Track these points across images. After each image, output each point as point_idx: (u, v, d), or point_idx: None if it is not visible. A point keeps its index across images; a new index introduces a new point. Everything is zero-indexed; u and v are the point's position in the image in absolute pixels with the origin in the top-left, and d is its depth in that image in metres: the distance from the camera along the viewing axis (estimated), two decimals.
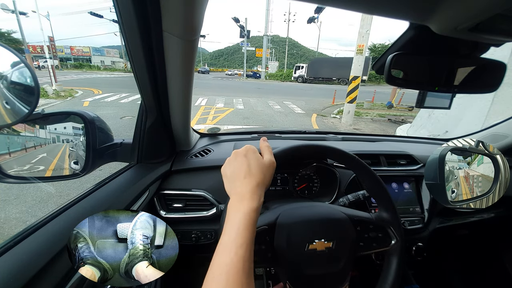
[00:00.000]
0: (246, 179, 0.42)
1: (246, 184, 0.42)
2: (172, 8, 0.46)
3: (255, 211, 0.40)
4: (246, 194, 0.41)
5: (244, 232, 0.37)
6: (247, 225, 0.38)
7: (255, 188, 0.42)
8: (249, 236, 0.37)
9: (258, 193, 0.42)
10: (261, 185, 0.43)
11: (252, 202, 0.40)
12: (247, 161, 0.45)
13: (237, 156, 0.46)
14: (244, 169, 0.44)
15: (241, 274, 0.33)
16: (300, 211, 0.59)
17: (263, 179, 0.44)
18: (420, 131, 4.42)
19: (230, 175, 0.45)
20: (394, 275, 0.56)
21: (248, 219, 0.38)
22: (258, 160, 0.45)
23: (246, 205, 0.40)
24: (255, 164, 0.44)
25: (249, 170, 0.43)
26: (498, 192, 0.82)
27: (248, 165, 0.44)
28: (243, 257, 0.34)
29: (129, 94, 9.60)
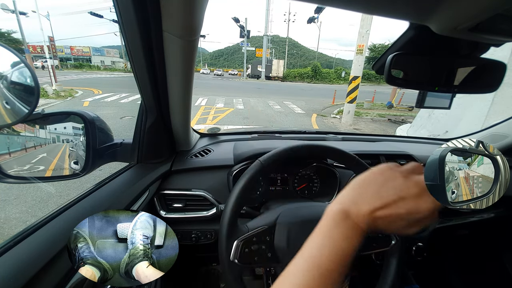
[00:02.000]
0: (386, 209, 0.31)
1: (381, 216, 0.31)
2: (172, 8, 0.46)
3: (355, 247, 0.30)
4: (370, 225, 0.30)
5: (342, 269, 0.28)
6: (347, 262, 0.29)
7: (385, 226, 0.31)
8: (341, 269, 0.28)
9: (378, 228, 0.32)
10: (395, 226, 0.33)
11: (361, 235, 0.30)
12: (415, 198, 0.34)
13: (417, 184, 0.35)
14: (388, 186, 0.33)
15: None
16: (300, 211, 0.59)
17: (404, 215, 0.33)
18: (420, 131, 4.43)
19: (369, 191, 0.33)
20: (394, 275, 0.56)
21: (352, 252, 0.29)
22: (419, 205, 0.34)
23: (360, 236, 0.30)
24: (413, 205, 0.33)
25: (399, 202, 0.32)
26: (498, 192, 0.82)
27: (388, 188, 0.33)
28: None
29: (129, 94, 9.60)
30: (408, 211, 0.32)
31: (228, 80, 25.74)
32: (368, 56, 26.70)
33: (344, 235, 0.29)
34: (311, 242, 0.30)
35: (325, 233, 0.30)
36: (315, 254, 0.29)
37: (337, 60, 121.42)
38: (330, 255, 0.28)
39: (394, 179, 0.33)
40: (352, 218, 0.30)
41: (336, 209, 0.31)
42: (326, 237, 0.30)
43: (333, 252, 0.28)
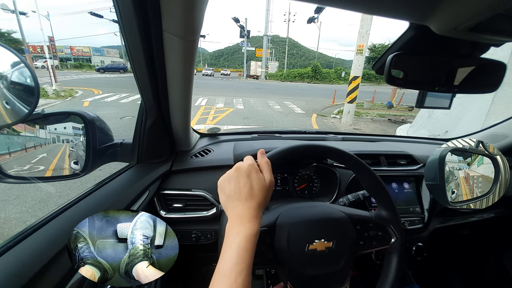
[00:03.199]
0: (248, 202, 0.41)
1: (248, 207, 0.40)
2: (172, 8, 0.46)
3: (256, 235, 0.39)
4: (247, 216, 0.39)
5: (244, 256, 0.35)
6: (247, 249, 0.36)
7: (256, 211, 0.40)
8: (249, 261, 0.36)
9: (259, 216, 0.41)
10: (262, 207, 0.42)
11: (254, 225, 0.39)
12: (249, 181, 0.42)
13: (240, 175, 0.43)
14: (246, 191, 0.41)
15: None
16: (300, 211, 0.59)
17: (264, 201, 0.43)
18: (420, 131, 4.43)
19: (229, 193, 0.42)
20: (395, 273, 0.57)
21: (249, 243, 0.37)
22: (261, 181, 0.43)
23: (248, 228, 0.38)
24: (258, 185, 0.42)
25: (251, 192, 0.41)
26: (498, 192, 0.82)
27: (250, 187, 0.41)
28: (242, 285, 0.33)
29: (129, 94, 9.60)
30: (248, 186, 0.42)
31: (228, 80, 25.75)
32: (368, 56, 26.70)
33: (235, 233, 0.38)
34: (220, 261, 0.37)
35: (227, 246, 0.38)
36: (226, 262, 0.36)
37: (337, 60, 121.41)
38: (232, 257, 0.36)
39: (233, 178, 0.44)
40: (242, 227, 0.39)
41: (227, 227, 0.41)
42: (227, 247, 0.38)
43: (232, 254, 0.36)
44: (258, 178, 0.43)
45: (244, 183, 0.42)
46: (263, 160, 0.47)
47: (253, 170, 0.43)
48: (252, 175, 0.43)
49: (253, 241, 0.38)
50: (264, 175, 0.45)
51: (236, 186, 0.42)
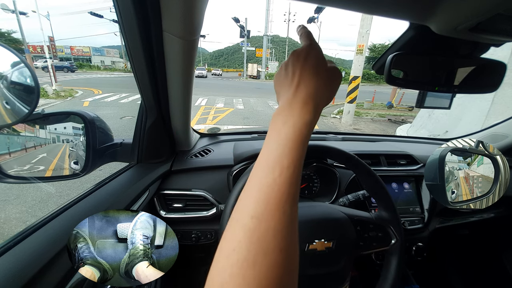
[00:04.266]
0: (310, 81, 0.33)
1: (306, 85, 0.33)
2: (172, 8, 0.46)
3: (308, 125, 0.31)
4: (298, 102, 0.32)
5: (293, 149, 0.28)
6: (297, 141, 0.29)
7: (317, 92, 0.33)
8: (299, 156, 0.29)
9: (318, 99, 0.32)
10: (326, 90, 0.34)
11: (306, 113, 0.31)
12: (311, 61, 0.34)
13: (302, 57, 0.35)
14: (306, 69, 0.34)
15: (285, 201, 0.25)
16: (300, 211, 0.58)
17: (329, 83, 0.34)
18: (420, 131, 4.43)
19: (285, 80, 0.35)
20: (395, 274, 0.57)
21: (298, 134, 0.29)
22: (323, 60, 0.35)
23: (298, 115, 0.30)
24: (320, 63, 0.34)
25: (313, 70, 0.33)
26: (498, 192, 0.82)
27: (310, 64, 0.34)
28: (289, 181, 0.26)
29: (129, 94, 9.60)
30: (310, 74, 0.34)
31: (228, 80, 25.72)
32: (368, 56, 26.69)
33: (284, 121, 0.30)
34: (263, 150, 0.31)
35: (269, 135, 0.31)
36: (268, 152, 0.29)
37: (337, 60, 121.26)
38: (277, 145, 0.29)
39: (289, 63, 0.36)
40: (283, 106, 0.32)
41: (274, 114, 0.33)
42: (270, 136, 0.31)
43: (278, 142, 0.29)
44: (318, 57, 0.35)
45: (299, 65, 0.34)
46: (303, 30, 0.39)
47: (315, 53, 0.35)
48: (310, 58, 0.34)
49: (304, 133, 0.30)
50: (318, 48, 0.36)
51: (289, 70, 0.35)
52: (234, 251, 0.23)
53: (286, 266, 0.23)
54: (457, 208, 0.81)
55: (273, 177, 0.26)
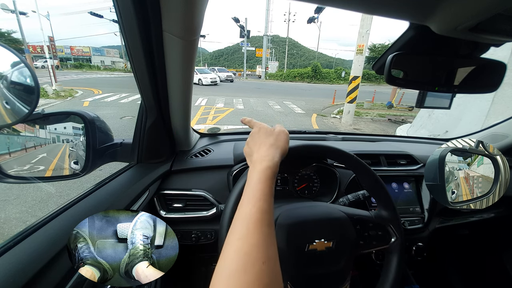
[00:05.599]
0: (260, 147, 0.48)
1: (259, 151, 0.48)
2: (172, 8, 0.46)
3: (269, 169, 0.43)
4: (259, 157, 0.46)
5: (260, 186, 0.40)
6: (262, 180, 0.41)
7: (267, 151, 0.47)
8: (266, 191, 0.40)
9: (270, 154, 0.46)
10: (273, 147, 0.48)
11: (265, 162, 0.44)
12: (259, 136, 0.51)
13: (253, 136, 0.52)
14: (257, 142, 0.49)
15: (261, 224, 0.35)
16: (300, 211, 0.59)
17: (274, 142, 0.49)
18: (420, 131, 4.43)
19: (248, 152, 0.51)
20: (395, 272, 0.57)
21: (262, 175, 0.42)
22: (267, 130, 0.51)
23: (259, 164, 0.44)
24: (265, 134, 0.50)
25: (261, 140, 0.49)
26: (498, 192, 0.82)
27: (259, 138, 0.50)
28: (261, 209, 0.37)
29: (129, 94, 9.60)
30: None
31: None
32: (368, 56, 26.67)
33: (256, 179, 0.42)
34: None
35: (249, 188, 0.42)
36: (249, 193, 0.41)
37: (337, 60, 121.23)
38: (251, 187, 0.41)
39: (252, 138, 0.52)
40: (255, 166, 0.45)
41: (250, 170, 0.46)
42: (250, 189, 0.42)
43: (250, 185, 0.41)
44: (266, 130, 0.52)
45: (255, 139, 0.51)
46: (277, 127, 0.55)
47: (261, 129, 0.52)
48: (261, 131, 0.51)
49: (267, 174, 0.42)
50: (274, 128, 0.53)
51: (250, 145, 0.51)
52: (229, 263, 0.31)
53: (271, 274, 0.31)
54: (457, 208, 0.81)
55: (250, 208, 0.37)
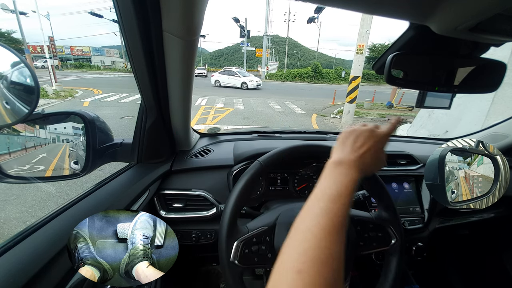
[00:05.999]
0: (362, 156, 0.42)
1: (360, 159, 0.42)
2: (172, 8, 0.46)
3: (355, 183, 0.39)
4: (356, 166, 0.40)
5: (345, 193, 0.36)
6: (350, 194, 0.37)
7: (365, 167, 0.42)
8: (348, 204, 0.37)
9: (363, 171, 0.42)
10: (369, 167, 0.43)
11: (357, 174, 0.40)
12: (378, 144, 0.44)
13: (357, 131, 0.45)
14: (360, 140, 0.44)
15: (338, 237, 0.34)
16: (300, 211, 0.59)
17: (373, 165, 0.44)
18: (420, 131, 4.43)
19: (344, 141, 0.45)
20: (394, 274, 0.57)
21: (352, 187, 0.38)
22: (382, 149, 0.45)
23: (351, 174, 0.39)
24: (377, 150, 0.44)
25: (377, 150, 0.43)
26: (498, 192, 0.82)
27: (370, 145, 0.43)
28: (344, 214, 0.35)
29: (129, 94, 9.60)
30: (372, 153, 0.44)
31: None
32: (368, 56, 26.66)
33: (341, 173, 0.39)
34: (317, 187, 0.38)
35: (327, 176, 0.40)
36: (324, 188, 0.38)
37: (337, 60, 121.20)
38: (335, 186, 0.37)
39: (361, 135, 0.45)
40: (344, 162, 0.41)
41: (331, 161, 0.42)
42: (328, 177, 0.39)
43: (336, 185, 0.38)
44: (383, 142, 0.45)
45: (365, 140, 0.44)
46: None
47: (384, 138, 0.45)
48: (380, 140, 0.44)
49: (350, 186, 0.38)
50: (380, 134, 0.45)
51: (355, 139, 0.44)
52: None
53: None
54: (457, 208, 0.81)
55: (338, 207, 0.35)
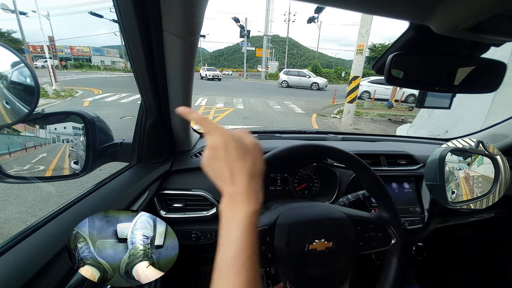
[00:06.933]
0: (236, 176, 0.34)
1: (235, 181, 0.34)
2: (172, 8, 0.46)
3: (256, 213, 0.33)
4: (240, 194, 0.33)
5: (244, 244, 0.30)
6: (247, 235, 0.31)
7: (249, 183, 0.34)
8: (252, 248, 0.30)
9: (254, 188, 0.34)
10: (255, 176, 0.35)
11: (251, 204, 0.33)
12: (229, 154, 0.34)
13: (216, 151, 0.35)
14: (228, 164, 0.34)
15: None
16: (300, 211, 0.59)
17: (253, 166, 0.35)
18: (420, 131, 4.43)
19: (215, 176, 0.37)
20: (394, 274, 0.57)
21: (247, 227, 0.31)
22: (239, 145, 0.35)
23: (244, 206, 0.32)
24: (238, 151, 0.35)
25: (234, 162, 0.34)
26: (498, 192, 0.82)
27: (229, 157, 0.34)
28: (247, 279, 0.28)
29: (129, 94, 9.60)
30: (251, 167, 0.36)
31: (228, 80, 25.71)
32: (368, 56, 26.63)
33: (234, 217, 0.33)
34: (221, 237, 0.33)
35: (224, 224, 0.34)
36: (226, 242, 0.32)
37: (337, 60, 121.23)
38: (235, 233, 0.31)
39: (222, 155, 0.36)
40: (236, 207, 0.33)
41: (223, 202, 0.35)
42: (225, 226, 0.33)
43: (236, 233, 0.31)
44: (232, 146, 0.35)
45: (219, 162, 0.35)
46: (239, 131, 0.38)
47: (229, 142, 0.35)
48: (230, 145, 0.35)
49: (252, 222, 0.32)
50: (244, 140, 0.36)
51: (211, 167, 0.37)
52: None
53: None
54: (457, 208, 0.81)
55: (233, 277, 0.28)
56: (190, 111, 0.39)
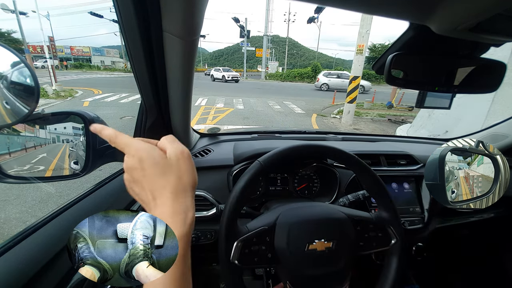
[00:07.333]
0: (158, 197, 0.31)
1: (157, 204, 0.30)
2: (172, 8, 0.46)
3: (184, 237, 0.29)
4: (163, 218, 0.30)
5: (172, 271, 0.26)
6: (175, 266, 0.26)
7: (173, 204, 0.30)
8: (180, 277, 0.26)
9: (180, 209, 0.30)
10: (181, 193, 0.31)
11: (176, 227, 0.29)
12: (146, 175, 0.30)
13: (132, 173, 0.31)
14: (148, 186, 0.31)
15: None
16: (300, 211, 0.59)
17: (178, 181, 0.31)
18: (420, 131, 4.43)
19: (139, 198, 0.33)
20: (394, 274, 0.57)
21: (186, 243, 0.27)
22: (157, 162, 0.31)
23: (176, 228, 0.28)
24: (156, 169, 0.31)
25: (153, 183, 0.31)
26: (498, 192, 0.82)
27: (148, 179, 0.31)
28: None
29: (129, 94, 9.59)
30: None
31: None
32: (368, 56, 26.67)
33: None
34: None
35: None
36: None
37: (337, 60, 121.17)
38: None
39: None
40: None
41: None
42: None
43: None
44: (148, 165, 0.31)
45: (139, 185, 0.31)
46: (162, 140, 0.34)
47: (144, 157, 0.31)
48: (146, 162, 0.31)
49: (181, 245, 0.27)
50: (167, 150, 0.32)
51: (133, 190, 0.33)
52: None
53: None
54: (457, 208, 0.81)
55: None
56: (102, 128, 0.35)
